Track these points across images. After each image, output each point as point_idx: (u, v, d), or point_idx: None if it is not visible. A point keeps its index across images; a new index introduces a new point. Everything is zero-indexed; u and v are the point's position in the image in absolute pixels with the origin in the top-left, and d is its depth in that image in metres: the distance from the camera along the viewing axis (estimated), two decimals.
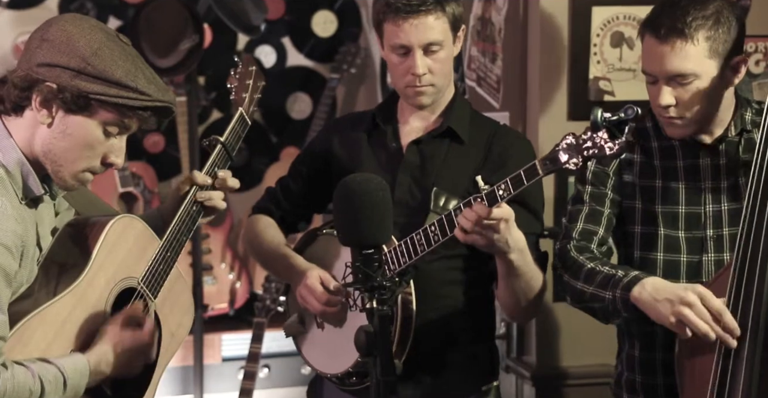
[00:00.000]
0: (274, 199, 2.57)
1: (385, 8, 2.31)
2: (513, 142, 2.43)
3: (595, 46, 3.04)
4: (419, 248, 2.23)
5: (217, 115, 4.64)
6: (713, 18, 2.16)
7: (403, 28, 2.29)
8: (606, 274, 2.19)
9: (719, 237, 2.25)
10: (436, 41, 2.32)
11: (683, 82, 2.17)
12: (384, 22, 2.34)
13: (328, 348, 2.42)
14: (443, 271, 2.37)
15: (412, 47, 2.31)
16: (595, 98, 3.05)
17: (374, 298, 1.71)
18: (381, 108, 2.51)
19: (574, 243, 2.29)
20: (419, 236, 2.22)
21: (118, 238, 1.99)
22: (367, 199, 1.75)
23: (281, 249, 2.48)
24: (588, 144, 1.98)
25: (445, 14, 2.32)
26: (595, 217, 2.31)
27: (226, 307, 4.37)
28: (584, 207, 2.32)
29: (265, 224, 2.54)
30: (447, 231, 2.18)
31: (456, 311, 2.39)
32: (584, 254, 2.27)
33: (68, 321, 1.89)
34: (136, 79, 1.89)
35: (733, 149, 2.26)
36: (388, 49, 2.36)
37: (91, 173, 1.96)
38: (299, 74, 4.75)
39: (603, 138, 1.96)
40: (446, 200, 2.31)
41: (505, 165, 2.35)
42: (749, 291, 2.07)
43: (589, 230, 2.31)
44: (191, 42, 3.78)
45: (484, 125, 2.45)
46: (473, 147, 2.40)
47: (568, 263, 2.28)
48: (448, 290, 2.39)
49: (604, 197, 2.32)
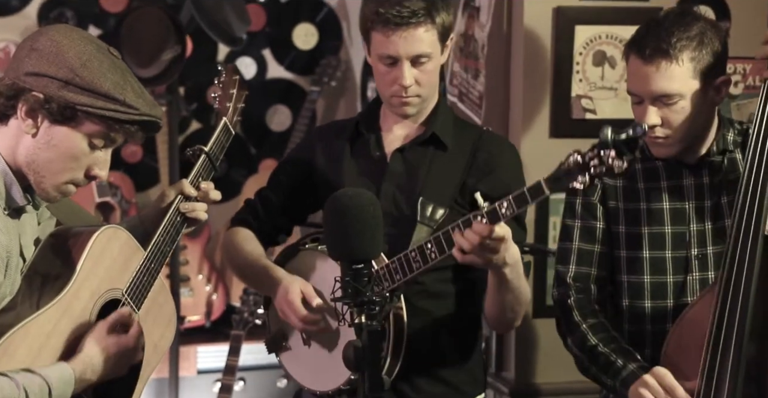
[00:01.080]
0: (254, 211, 2.53)
1: (375, 17, 2.28)
2: (499, 147, 2.41)
3: (577, 64, 3.06)
4: (414, 265, 2.19)
5: (197, 125, 4.63)
6: (697, 39, 2.19)
7: (391, 39, 2.28)
8: (607, 359, 2.24)
9: (704, 256, 2.27)
10: (424, 53, 2.30)
11: (668, 102, 2.20)
12: (372, 30, 2.31)
13: (315, 364, 2.39)
14: (433, 283, 2.35)
15: (400, 58, 2.30)
16: (577, 116, 3.07)
17: (363, 313, 1.71)
18: (364, 115, 2.49)
19: (574, 297, 2.32)
20: (414, 253, 2.19)
21: (103, 249, 1.98)
22: (358, 213, 1.74)
23: (261, 261, 2.43)
24: (595, 162, 1.94)
25: (434, 26, 2.29)
26: (585, 258, 2.33)
27: (202, 319, 4.34)
28: (574, 248, 2.34)
29: (244, 236, 2.50)
30: (445, 249, 2.15)
31: (446, 323, 2.38)
32: (587, 320, 2.29)
33: (53, 333, 1.87)
34: (124, 92, 1.88)
35: (716, 169, 2.28)
36: (375, 57, 2.34)
37: (74, 185, 1.94)
38: (279, 86, 4.75)
39: (611, 156, 1.92)
40: (433, 210, 2.30)
41: (492, 172, 2.34)
42: (734, 309, 2.09)
43: (582, 274, 2.33)
44: (173, 52, 3.77)
45: (468, 131, 2.44)
46: (458, 153, 2.38)
47: (572, 328, 2.31)
48: (437, 303, 2.37)
49: (594, 231, 2.33)
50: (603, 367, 2.25)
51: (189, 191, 2.15)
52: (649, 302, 2.31)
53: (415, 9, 2.26)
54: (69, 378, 1.85)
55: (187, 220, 2.16)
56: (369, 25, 2.32)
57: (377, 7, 2.28)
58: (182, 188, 2.16)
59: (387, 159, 2.40)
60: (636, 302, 2.31)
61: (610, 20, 3.04)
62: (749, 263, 2.08)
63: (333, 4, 4.77)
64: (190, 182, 2.18)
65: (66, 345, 1.89)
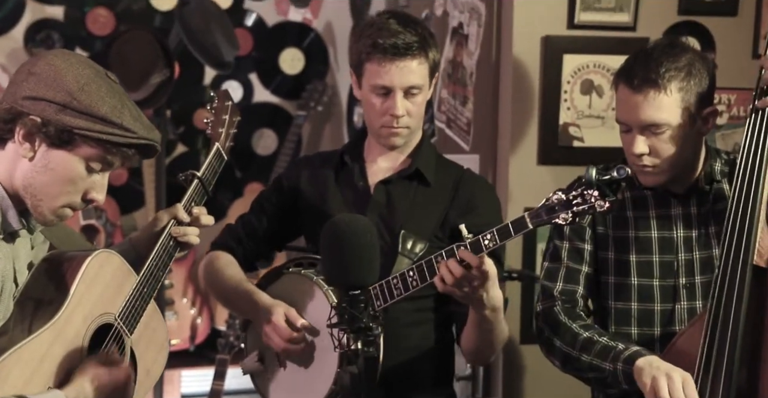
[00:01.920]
0: (235, 236, 2.54)
1: (370, 49, 2.33)
2: (481, 187, 2.47)
3: (565, 92, 3.10)
4: (395, 292, 2.22)
5: (182, 149, 4.64)
6: (686, 69, 2.22)
7: (387, 69, 2.32)
8: (605, 345, 2.22)
9: (691, 285, 2.29)
10: (417, 85, 2.35)
11: (656, 131, 2.22)
12: (366, 61, 2.35)
13: (290, 386, 2.39)
14: (410, 312, 2.37)
15: (394, 89, 2.34)
16: (565, 143, 3.10)
17: (360, 339, 1.72)
18: (349, 146, 2.53)
19: (561, 306, 2.32)
20: (396, 280, 2.22)
21: (96, 274, 1.97)
22: (355, 240, 1.76)
23: (243, 285, 2.44)
24: (578, 201, 2.00)
25: (426, 60, 2.35)
26: (573, 276, 2.34)
27: (186, 343, 4.33)
28: (562, 266, 2.35)
29: (225, 261, 2.51)
30: (426, 277, 2.18)
31: (420, 352, 2.40)
32: (577, 321, 2.29)
33: (46, 358, 1.86)
34: (121, 115, 1.88)
35: (703, 199, 2.31)
36: (367, 88, 2.38)
37: (71, 209, 1.94)
38: (265, 110, 4.77)
39: (594, 195, 1.98)
40: (414, 243, 2.33)
41: (474, 210, 2.39)
42: (723, 339, 2.11)
43: (569, 290, 2.34)
44: (162, 76, 3.78)
45: (450, 169, 2.49)
46: (440, 190, 2.42)
47: (560, 330, 2.30)
48: (413, 331, 2.39)
49: (582, 252, 2.35)
50: (600, 353, 2.21)
51: (182, 215, 2.15)
52: (636, 329, 2.32)
53: (410, 42, 2.32)
54: None
55: (180, 245, 2.16)
56: (363, 57, 2.36)
57: (374, 39, 2.32)
58: (176, 212, 2.16)
59: (371, 190, 2.44)
60: (622, 328, 2.33)
61: (597, 50, 3.08)
62: (738, 293, 2.10)
63: (320, 30, 4.80)
64: (182, 206, 2.18)
65: (58, 369, 1.88)
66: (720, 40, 3.15)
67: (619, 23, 3.09)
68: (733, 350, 2.09)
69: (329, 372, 2.26)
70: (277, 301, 2.37)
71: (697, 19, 3.14)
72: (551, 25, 3.07)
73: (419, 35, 2.34)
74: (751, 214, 2.13)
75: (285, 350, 2.34)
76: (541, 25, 3.07)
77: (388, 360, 2.27)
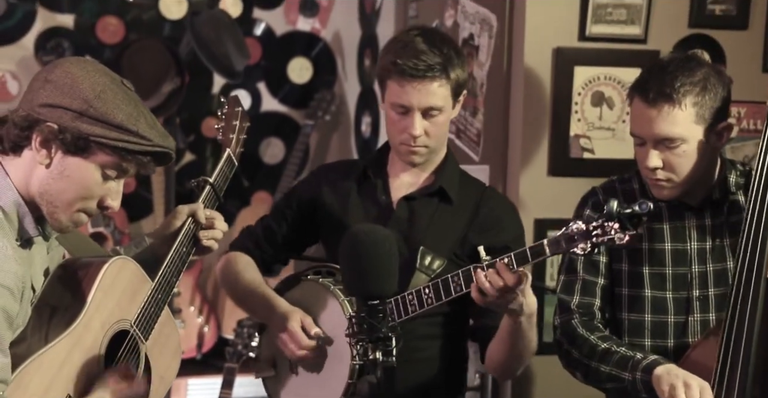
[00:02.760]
0: (254, 239, 2.56)
1: (392, 67, 2.32)
2: (502, 206, 2.47)
3: (576, 104, 3.11)
4: (410, 308, 2.24)
5: (190, 157, 4.65)
6: (701, 84, 2.22)
7: (406, 90, 2.31)
8: (623, 355, 2.23)
9: (705, 298, 2.29)
10: (436, 106, 2.33)
11: (671, 145, 2.23)
12: (388, 79, 2.35)
13: (300, 393, 2.41)
14: (423, 326, 2.37)
15: (412, 109, 2.33)
16: (575, 155, 3.11)
17: (378, 349, 1.72)
18: (372, 160, 2.53)
19: (578, 319, 2.33)
20: (411, 297, 2.23)
21: (112, 281, 1.98)
22: (374, 250, 1.77)
23: (261, 288, 2.45)
24: (598, 232, 1.99)
25: (449, 81, 2.33)
26: (590, 288, 2.36)
27: (193, 351, 4.33)
28: (578, 279, 2.36)
29: (245, 262, 2.52)
30: (442, 296, 2.20)
31: (431, 367, 2.40)
32: (595, 333, 2.31)
33: (65, 364, 1.87)
34: (137, 123, 1.89)
35: (718, 211, 2.32)
36: (388, 105, 2.38)
37: (87, 215, 1.95)
38: (273, 119, 4.78)
39: (614, 228, 1.97)
40: (432, 260, 2.34)
41: (494, 229, 2.39)
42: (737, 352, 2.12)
43: (586, 303, 2.35)
44: (173, 85, 3.80)
45: (473, 187, 2.49)
46: (461, 208, 2.42)
47: (578, 342, 2.31)
48: (425, 345, 2.40)
49: (598, 264, 2.36)
50: (618, 363, 2.22)
51: (201, 214, 2.16)
52: (649, 341, 2.33)
53: (432, 63, 2.30)
54: None
55: (194, 250, 2.17)
56: (385, 74, 2.36)
57: (395, 58, 2.32)
58: (196, 209, 2.16)
59: (393, 205, 2.44)
60: (636, 340, 2.33)
61: (608, 62, 3.09)
62: (752, 306, 2.11)
63: (328, 40, 4.82)
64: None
65: (77, 376, 1.89)
66: (730, 53, 3.16)
67: (630, 36, 3.10)
68: (747, 363, 2.10)
69: (340, 382, 2.27)
70: (294, 308, 2.38)
71: (708, 33, 3.15)
72: (562, 36, 3.08)
73: (444, 56, 2.32)
74: (765, 226, 2.14)
75: (298, 357, 2.35)
76: (553, 36, 3.09)
77: (400, 372, 2.26)
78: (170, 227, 2.18)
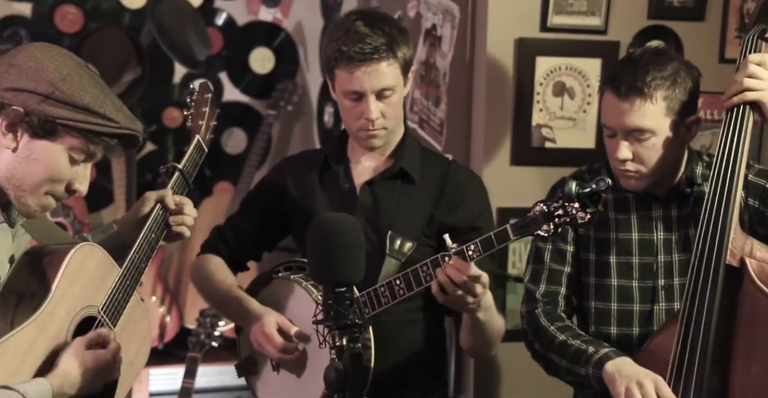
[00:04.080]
0: (224, 239, 2.56)
1: (337, 55, 2.32)
2: (466, 180, 2.47)
3: (538, 94, 3.13)
4: (383, 300, 2.24)
5: (151, 147, 4.62)
6: (671, 78, 2.25)
7: (355, 75, 2.31)
8: (577, 348, 2.26)
9: (670, 287, 2.33)
10: (388, 87, 2.34)
11: (640, 137, 2.26)
12: (336, 68, 2.35)
13: (284, 390, 2.41)
14: (401, 313, 2.39)
15: (365, 93, 2.33)
16: (537, 145, 3.14)
17: (345, 336, 1.74)
18: (332, 148, 2.53)
19: (542, 308, 2.37)
20: (383, 289, 2.24)
21: (79, 267, 1.98)
22: (341, 238, 1.78)
23: (233, 292, 2.46)
24: (560, 212, 2.02)
25: (396, 60, 2.34)
26: (556, 277, 2.39)
27: (155, 341, 4.31)
28: (545, 268, 2.39)
29: (215, 265, 2.52)
30: (413, 286, 2.21)
31: (412, 351, 2.42)
32: (555, 323, 2.34)
33: (30, 352, 1.86)
34: (104, 105, 1.89)
35: (684, 202, 2.35)
36: (340, 93, 2.38)
37: (56, 198, 1.94)
38: (235, 110, 4.77)
39: (575, 208, 2.01)
40: (401, 243, 2.35)
41: (459, 205, 2.40)
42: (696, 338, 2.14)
43: (551, 291, 2.39)
44: (134, 74, 3.77)
45: (435, 163, 2.49)
46: (425, 187, 2.43)
47: (539, 333, 2.35)
48: (404, 332, 2.42)
49: (564, 254, 2.39)
50: (573, 357, 2.26)
51: (169, 200, 2.15)
52: (615, 329, 2.36)
53: (377, 45, 2.30)
54: (47, 393, 1.84)
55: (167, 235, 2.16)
56: (332, 63, 2.36)
57: (339, 46, 2.31)
58: (164, 195, 2.16)
59: (356, 191, 2.45)
60: (602, 328, 2.37)
61: (569, 52, 3.12)
62: (711, 292, 2.14)
63: (290, 30, 4.81)
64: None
65: (43, 363, 1.88)
66: (688, 44, 3.21)
67: (591, 27, 3.14)
68: (705, 348, 2.13)
69: (321, 378, 2.28)
70: (267, 309, 2.39)
71: (666, 24, 3.19)
72: (524, 27, 3.11)
73: (387, 35, 2.32)
74: (725, 214, 2.17)
75: (279, 360, 2.36)
76: (515, 27, 3.11)
77: (380, 360, 2.30)
78: (138, 214, 2.17)
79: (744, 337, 2.14)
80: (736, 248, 2.16)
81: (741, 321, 2.14)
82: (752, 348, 2.14)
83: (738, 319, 2.15)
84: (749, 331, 2.14)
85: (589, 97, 3.15)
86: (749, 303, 2.14)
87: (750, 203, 2.30)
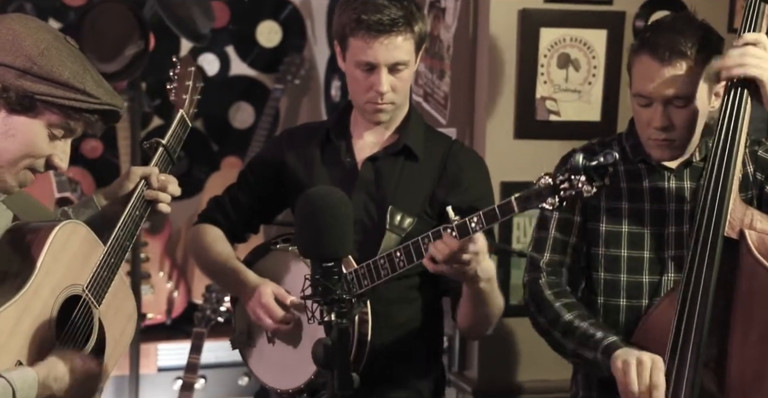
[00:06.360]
0: (222, 209, 2.53)
1: (354, 24, 2.28)
2: (469, 161, 2.44)
3: (542, 66, 3.08)
4: (382, 272, 2.21)
5: (158, 121, 4.61)
6: (707, 44, 2.20)
7: (372, 46, 2.28)
8: (584, 332, 2.23)
9: (679, 258, 2.27)
10: (402, 61, 2.31)
11: (680, 105, 2.20)
12: (350, 36, 2.31)
13: (279, 363, 2.39)
14: (399, 290, 2.37)
15: (379, 65, 2.30)
16: (541, 118, 3.10)
17: (333, 311, 1.71)
18: (334, 122, 2.49)
19: (545, 278, 2.33)
20: (383, 261, 2.20)
21: (63, 245, 1.94)
22: (329, 212, 1.75)
23: (231, 263, 2.44)
24: (565, 185, 1.97)
25: (413, 35, 2.31)
26: (561, 246, 2.35)
27: (162, 316, 4.32)
28: (549, 236, 2.35)
29: (213, 236, 2.50)
30: (413, 258, 2.17)
31: (409, 329, 2.39)
32: (560, 299, 2.30)
33: (15, 331, 1.84)
34: (84, 80, 1.85)
35: (696, 174, 2.30)
36: (351, 63, 2.34)
37: (34, 172, 1.91)
38: (242, 83, 4.74)
39: (581, 181, 1.95)
40: (402, 219, 2.32)
41: (461, 185, 2.37)
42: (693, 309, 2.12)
43: (556, 260, 2.35)
44: (137, 48, 3.74)
45: (439, 142, 2.46)
46: (428, 165, 2.40)
47: (543, 308, 2.31)
48: (402, 309, 2.39)
49: (571, 224, 2.35)
50: (581, 341, 2.23)
51: (155, 179, 2.12)
52: (625, 300, 2.32)
53: (395, 17, 2.27)
54: (32, 382, 1.82)
55: (150, 211, 2.13)
56: (347, 31, 2.31)
57: (358, 14, 2.28)
58: (149, 172, 2.12)
59: (358, 167, 2.42)
60: (611, 300, 2.33)
61: (574, 23, 3.07)
62: (709, 263, 2.11)
63: (297, 3, 4.77)
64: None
65: (27, 343, 1.86)
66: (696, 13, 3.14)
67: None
68: (703, 319, 2.10)
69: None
70: (264, 280, 2.37)
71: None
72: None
73: (405, 9, 2.29)
74: (723, 186, 2.13)
75: (275, 330, 2.35)
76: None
77: (377, 337, 2.28)
78: (122, 189, 2.14)
79: (742, 308, 2.11)
80: (735, 219, 2.12)
81: (739, 293, 2.12)
82: (750, 319, 2.11)
83: (737, 290, 2.12)
84: (747, 302, 2.11)
85: (594, 69, 3.10)
86: (748, 275, 2.11)
87: (758, 177, 2.26)
